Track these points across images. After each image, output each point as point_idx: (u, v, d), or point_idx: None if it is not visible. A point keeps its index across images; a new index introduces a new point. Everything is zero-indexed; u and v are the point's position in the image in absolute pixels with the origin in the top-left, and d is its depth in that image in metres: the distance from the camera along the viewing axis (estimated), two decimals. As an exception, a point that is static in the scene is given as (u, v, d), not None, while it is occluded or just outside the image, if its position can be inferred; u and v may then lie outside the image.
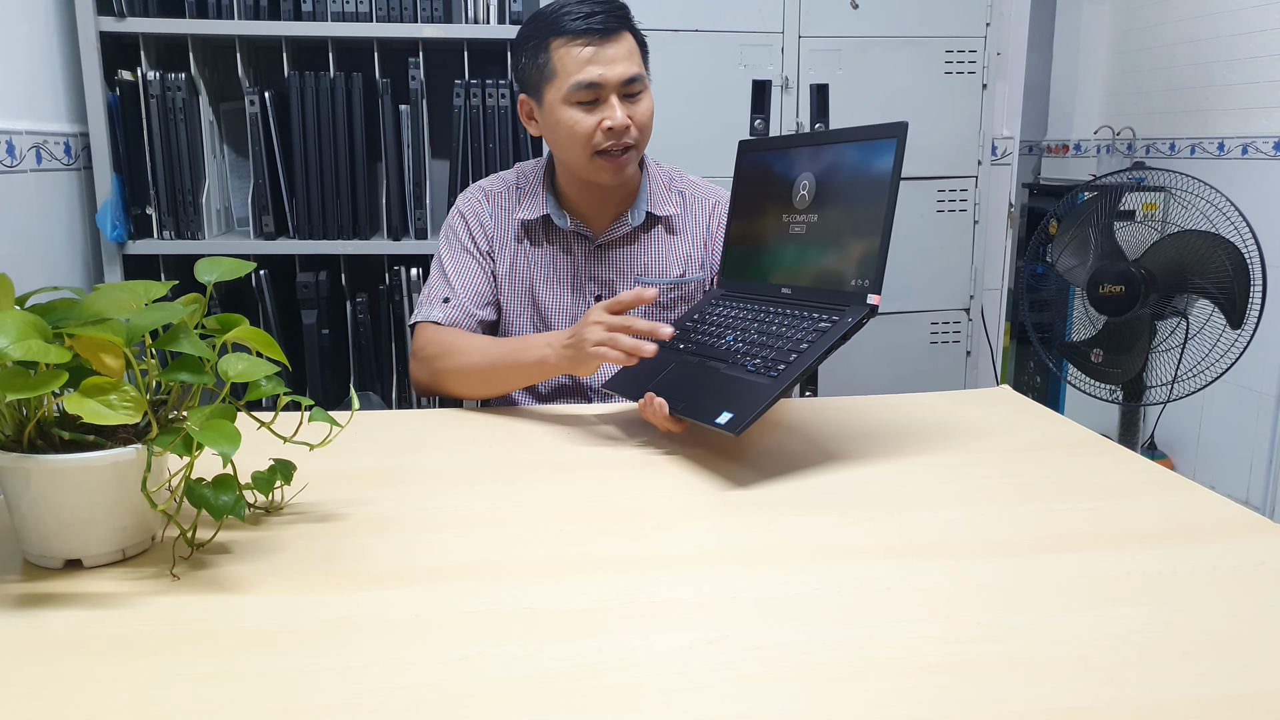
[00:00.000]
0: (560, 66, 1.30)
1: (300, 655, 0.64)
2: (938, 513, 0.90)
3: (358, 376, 2.24)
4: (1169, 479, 0.99)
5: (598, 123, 1.30)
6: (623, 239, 1.42)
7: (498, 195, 1.44)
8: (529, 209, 1.41)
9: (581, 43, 1.28)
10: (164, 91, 2.05)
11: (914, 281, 2.52)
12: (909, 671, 0.62)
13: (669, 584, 0.75)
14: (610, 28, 1.29)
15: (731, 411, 1.01)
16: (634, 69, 1.31)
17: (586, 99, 1.29)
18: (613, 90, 1.29)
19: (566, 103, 1.30)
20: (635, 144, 1.33)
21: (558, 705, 0.59)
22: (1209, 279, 2.07)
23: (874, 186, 1.06)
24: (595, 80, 1.28)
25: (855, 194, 1.09)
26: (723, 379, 1.09)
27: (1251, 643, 0.66)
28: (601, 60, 1.28)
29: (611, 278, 1.42)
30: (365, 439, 1.10)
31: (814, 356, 1.01)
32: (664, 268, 1.43)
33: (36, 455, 0.73)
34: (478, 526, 0.87)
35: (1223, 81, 2.81)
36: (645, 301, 1.16)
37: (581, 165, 1.34)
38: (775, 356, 1.05)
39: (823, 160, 1.15)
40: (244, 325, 0.83)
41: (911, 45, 2.40)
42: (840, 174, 1.12)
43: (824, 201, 1.14)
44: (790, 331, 1.08)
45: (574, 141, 1.31)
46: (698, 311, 1.29)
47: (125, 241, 2.08)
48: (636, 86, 1.32)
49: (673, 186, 1.46)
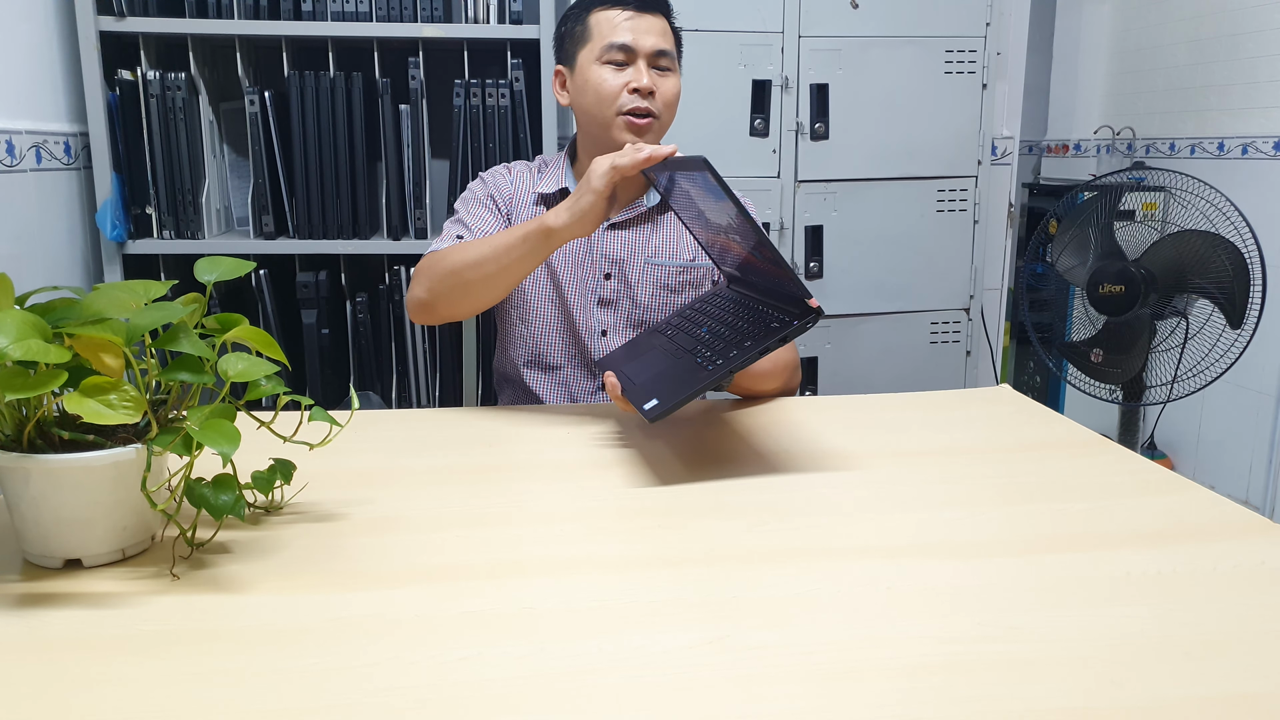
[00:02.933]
0: (596, 29, 1.37)
1: (300, 655, 0.64)
2: (938, 513, 0.90)
3: (358, 376, 2.24)
4: (1169, 479, 0.99)
5: (625, 83, 1.35)
6: (637, 219, 1.45)
7: (520, 172, 1.49)
8: (548, 183, 1.46)
9: (619, 9, 1.36)
10: (164, 91, 2.05)
11: (914, 281, 2.52)
12: (909, 671, 0.62)
13: (669, 584, 0.75)
14: (648, 5, 1.37)
15: (658, 398, 1.02)
16: (666, 44, 1.38)
17: (617, 59, 1.36)
18: (643, 56, 1.36)
19: (598, 61, 1.36)
20: (658, 115, 1.37)
21: (558, 705, 0.59)
22: (1209, 279, 2.07)
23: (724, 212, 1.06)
24: (627, 43, 1.35)
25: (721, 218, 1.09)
26: (675, 365, 1.11)
27: (1251, 643, 0.66)
28: (636, 28, 1.36)
29: (622, 256, 1.44)
30: (365, 439, 1.11)
31: (746, 357, 1.00)
32: (675, 251, 1.45)
33: (36, 455, 0.73)
34: (478, 526, 0.87)
35: (1223, 81, 2.81)
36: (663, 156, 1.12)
37: (605, 124, 1.37)
38: (722, 349, 1.05)
39: (698, 186, 1.11)
40: (244, 325, 0.83)
41: (911, 45, 2.40)
42: (711, 200, 1.09)
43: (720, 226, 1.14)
44: (747, 326, 1.08)
45: (600, 99, 1.36)
46: (700, 301, 1.31)
47: (125, 241, 2.08)
48: (665, 62, 1.38)
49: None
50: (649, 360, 1.18)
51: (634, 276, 1.44)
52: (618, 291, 1.44)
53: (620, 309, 1.45)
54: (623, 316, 1.45)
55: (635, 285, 1.44)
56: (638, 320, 1.45)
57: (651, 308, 1.45)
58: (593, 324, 1.44)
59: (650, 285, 1.44)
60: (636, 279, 1.44)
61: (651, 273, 1.44)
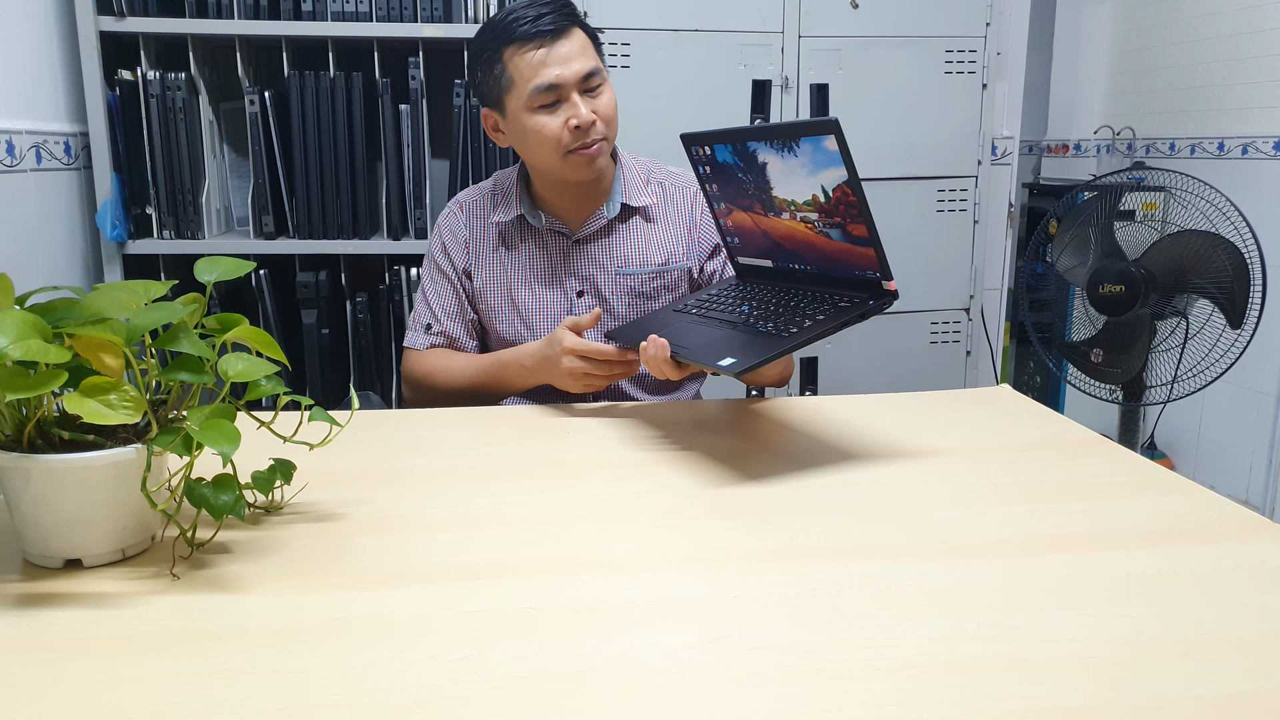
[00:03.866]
0: (517, 74, 1.30)
1: (301, 655, 0.64)
2: (938, 513, 0.90)
3: (358, 376, 2.24)
4: (1169, 479, 0.99)
5: (564, 122, 1.31)
6: (599, 232, 1.43)
7: (473, 205, 1.46)
8: (503, 212, 1.43)
9: (533, 46, 1.29)
10: (164, 91, 2.05)
11: (914, 281, 2.52)
12: (909, 671, 0.62)
13: (669, 584, 0.75)
14: (560, 26, 1.30)
15: (735, 357, 1.02)
16: (590, 63, 1.31)
17: (548, 101, 1.30)
18: (572, 88, 1.30)
19: (529, 109, 1.31)
20: (605, 136, 1.34)
21: (558, 705, 0.59)
22: (1209, 279, 2.07)
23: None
24: (553, 81, 1.29)
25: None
26: (732, 333, 1.10)
27: (1251, 643, 0.66)
28: (556, 60, 1.29)
29: (591, 271, 1.43)
30: (365, 439, 1.10)
31: (828, 326, 1.01)
32: (644, 257, 1.44)
33: (36, 455, 0.73)
34: (478, 526, 0.87)
35: (1223, 81, 2.81)
36: (596, 323, 1.26)
37: (555, 167, 1.34)
38: (789, 321, 1.06)
39: (782, 156, 1.10)
40: (244, 325, 0.83)
41: (911, 45, 2.40)
42: (802, 172, 1.09)
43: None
44: (808, 307, 1.08)
45: (544, 146, 1.32)
46: (715, 288, 1.30)
47: (125, 241, 2.08)
48: (595, 80, 1.32)
49: (651, 178, 1.47)
50: (686, 331, 1.17)
51: (607, 289, 1.43)
52: (592, 306, 1.42)
53: (597, 325, 1.43)
54: (599, 331, 1.42)
55: (610, 297, 1.43)
56: None
57: (628, 318, 1.43)
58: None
59: (625, 295, 1.43)
60: (610, 291, 1.43)
61: (624, 282, 1.42)
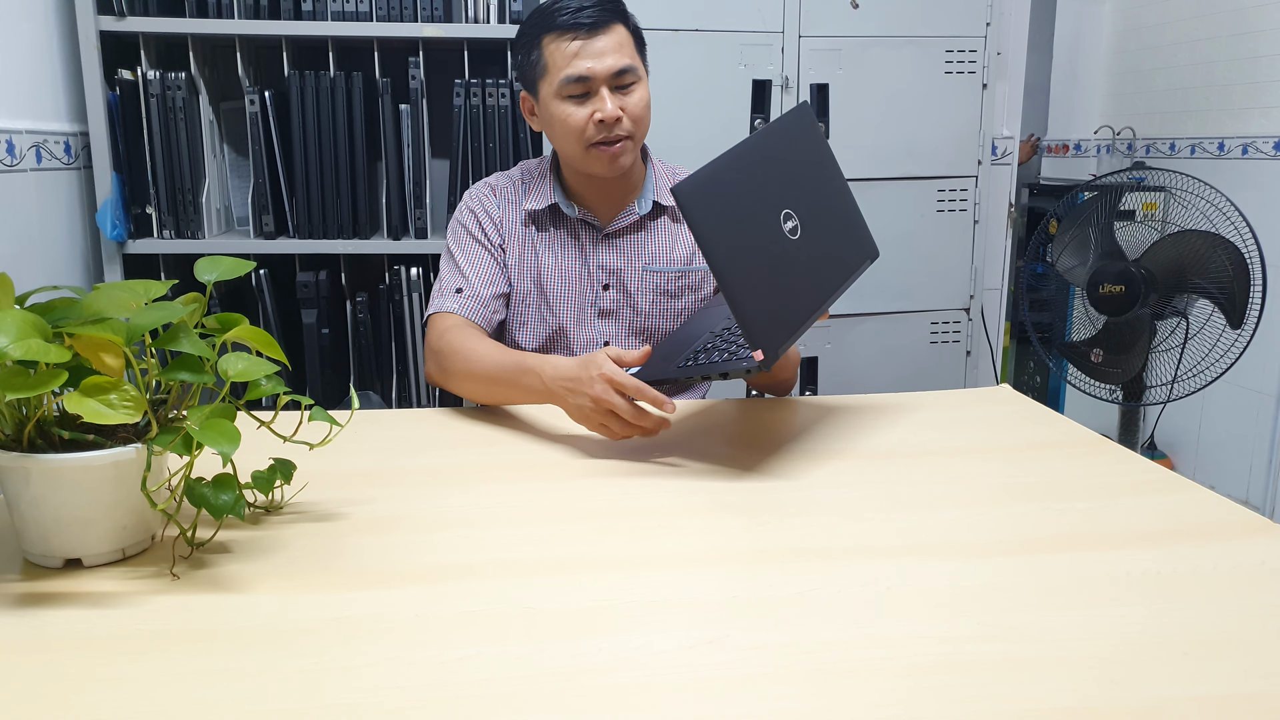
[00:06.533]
0: (551, 62, 1.32)
1: (300, 655, 0.64)
2: (938, 513, 0.90)
3: (358, 376, 2.24)
4: (1169, 479, 0.99)
5: (589, 115, 1.31)
6: (629, 228, 1.43)
7: (504, 189, 1.45)
8: (536, 199, 1.43)
9: (570, 37, 1.30)
10: (164, 91, 2.05)
11: (914, 281, 2.51)
12: (908, 671, 0.62)
13: (669, 584, 0.75)
14: (600, 21, 1.30)
15: (645, 369, 1.07)
16: (624, 61, 1.31)
17: (577, 92, 1.31)
18: (602, 83, 1.30)
19: (558, 97, 1.32)
20: (630, 135, 1.33)
21: (558, 705, 0.59)
22: (1209, 279, 2.07)
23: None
24: (583, 74, 1.30)
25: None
26: (680, 352, 1.16)
27: (1251, 643, 0.66)
28: (589, 54, 1.30)
29: (619, 265, 1.43)
30: (365, 439, 1.10)
31: (707, 373, 1.07)
32: (670, 256, 1.44)
33: (36, 455, 0.73)
34: (478, 526, 0.87)
35: (1223, 81, 2.81)
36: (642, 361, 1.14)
37: (577, 157, 1.35)
38: (707, 355, 1.11)
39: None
40: (244, 325, 0.83)
41: (911, 45, 2.40)
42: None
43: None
44: (721, 346, 1.13)
45: (568, 135, 1.33)
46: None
47: (125, 241, 2.08)
48: (628, 78, 1.32)
49: (677, 179, 1.47)
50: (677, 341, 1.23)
51: (633, 285, 1.43)
52: (617, 301, 1.43)
53: (621, 319, 1.44)
54: (624, 326, 1.44)
55: (635, 293, 1.43)
56: (639, 328, 1.44)
57: (652, 315, 1.44)
58: (592, 336, 1.43)
59: (650, 292, 1.43)
60: (636, 287, 1.43)
61: (650, 279, 1.43)
